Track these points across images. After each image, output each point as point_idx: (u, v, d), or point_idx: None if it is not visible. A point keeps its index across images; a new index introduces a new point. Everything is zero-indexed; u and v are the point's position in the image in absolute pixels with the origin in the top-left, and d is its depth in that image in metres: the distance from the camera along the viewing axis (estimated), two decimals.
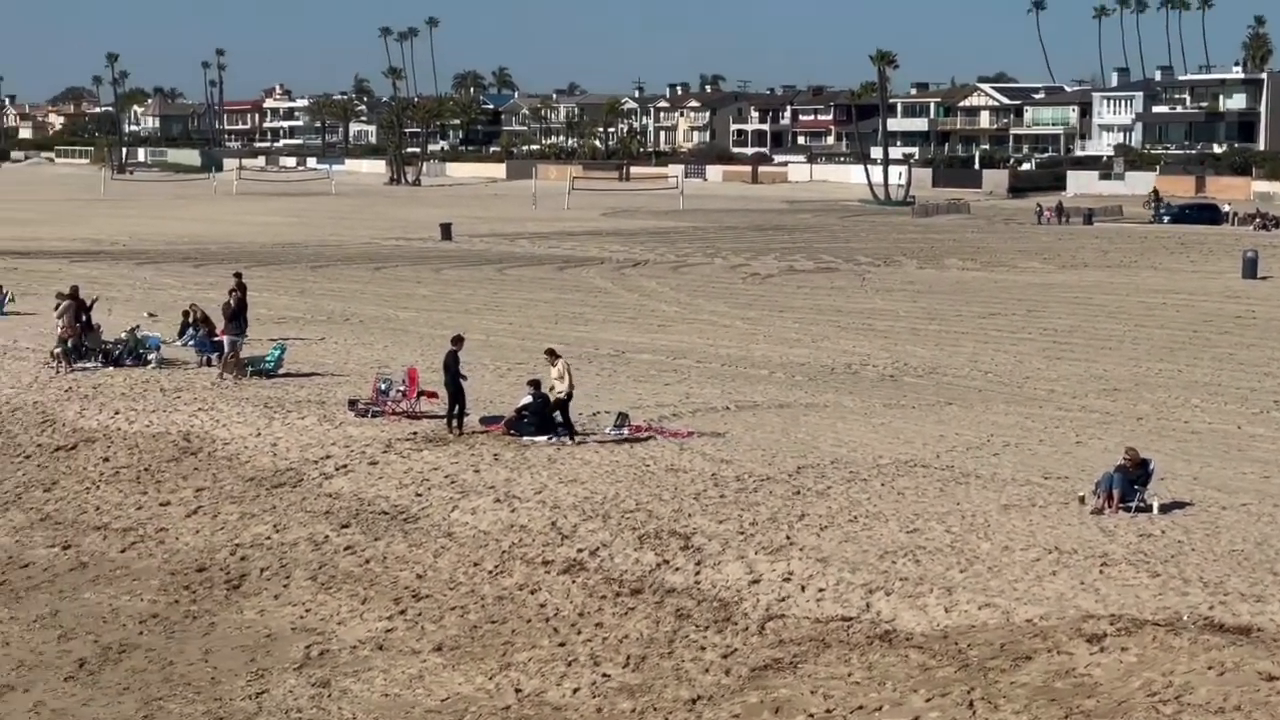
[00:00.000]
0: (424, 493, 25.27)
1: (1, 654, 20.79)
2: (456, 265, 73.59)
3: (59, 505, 26.75)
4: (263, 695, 18.99)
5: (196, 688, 19.33)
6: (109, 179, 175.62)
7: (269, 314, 48.18)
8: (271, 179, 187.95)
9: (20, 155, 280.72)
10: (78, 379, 35.38)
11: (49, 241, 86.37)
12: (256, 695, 19.00)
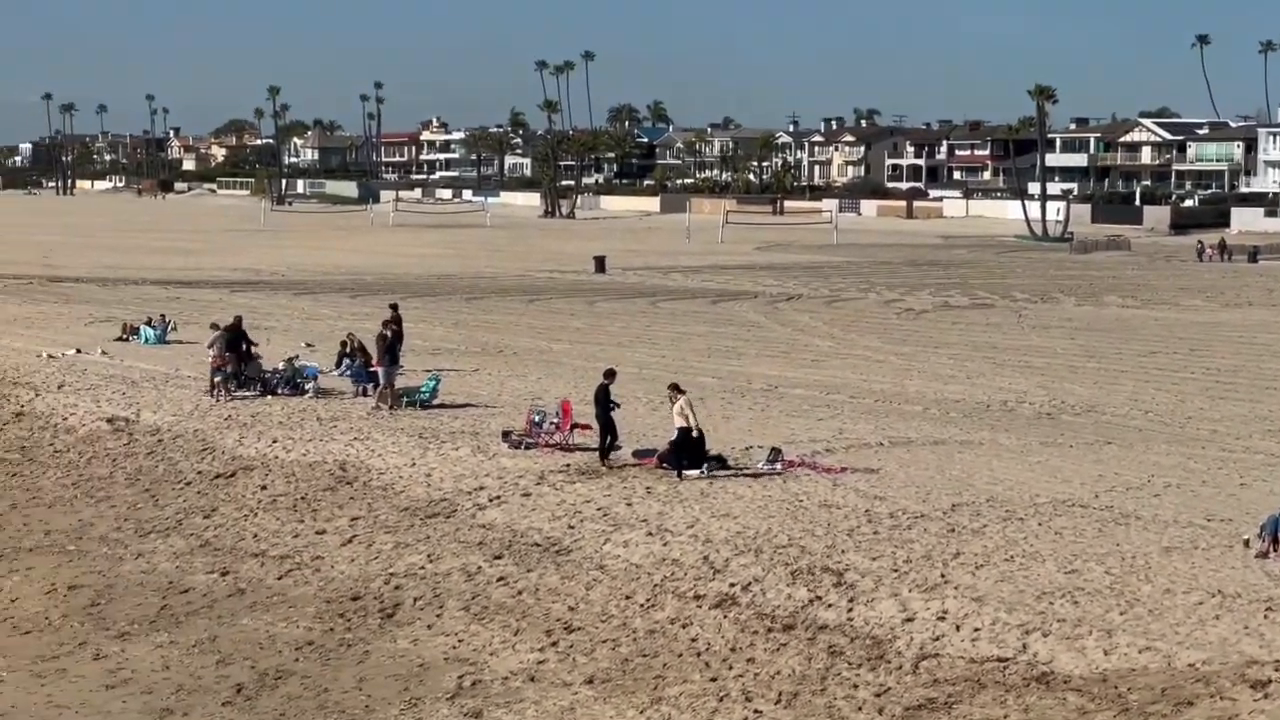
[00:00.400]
0: (576, 525, 25.29)
1: (161, 678, 21.08)
2: (610, 298, 73.83)
3: (218, 532, 27.10)
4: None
5: (351, 715, 19.46)
6: (269, 210, 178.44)
7: (424, 345, 48.63)
8: (427, 211, 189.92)
9: (184, 186, 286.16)
10: (237, 408, 35.88)
11: (210, 271, 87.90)
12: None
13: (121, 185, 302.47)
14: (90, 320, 55.45)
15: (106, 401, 36.96)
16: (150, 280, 78.98)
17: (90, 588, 24.84)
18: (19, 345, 47.01)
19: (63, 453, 33.01)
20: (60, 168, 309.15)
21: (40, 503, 29.79)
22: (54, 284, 74.99)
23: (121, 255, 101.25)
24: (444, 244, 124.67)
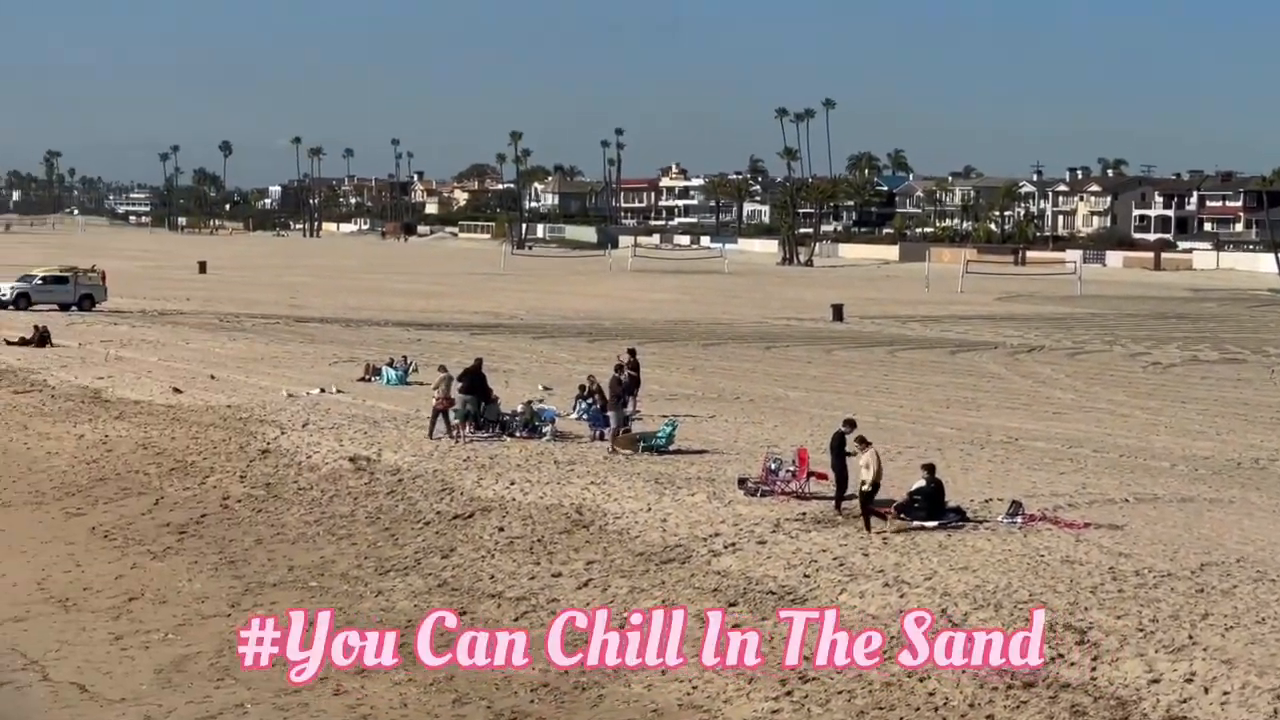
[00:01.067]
0: (812, 574, 25.08)
1: (399, 714, 21.30)
2: (847, 346, 73.48)
3: (455, 572, 27.35)
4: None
5: None
6: (509, 254, 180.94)
7: (661, 390, 48.79)
8: (665, 256, 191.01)
9: (426, 229, 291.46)
10: (475, 449, 36.27)
11: (451, 314, 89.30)
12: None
13: (366, 228, 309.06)
14: (334, 360, 56.59)
15: (349, 441, 37.63)
16: (393, 322, 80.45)
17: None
18: (266, 384, 48.13)
19: (306, 490, 33.63)
20: (308, 210, 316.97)
21: (284, 539, 30.35)
22: (300, 324, 76.76)
23: (365, 296, 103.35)
24: (681, 290, 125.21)
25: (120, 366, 52.33)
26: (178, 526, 31.62)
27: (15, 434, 41.12)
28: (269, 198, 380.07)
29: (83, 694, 23.00)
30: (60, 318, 68.80)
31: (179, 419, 41.32)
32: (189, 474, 35.60)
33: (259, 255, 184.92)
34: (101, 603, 27.33)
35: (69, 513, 33.45)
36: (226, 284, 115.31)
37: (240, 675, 23.33)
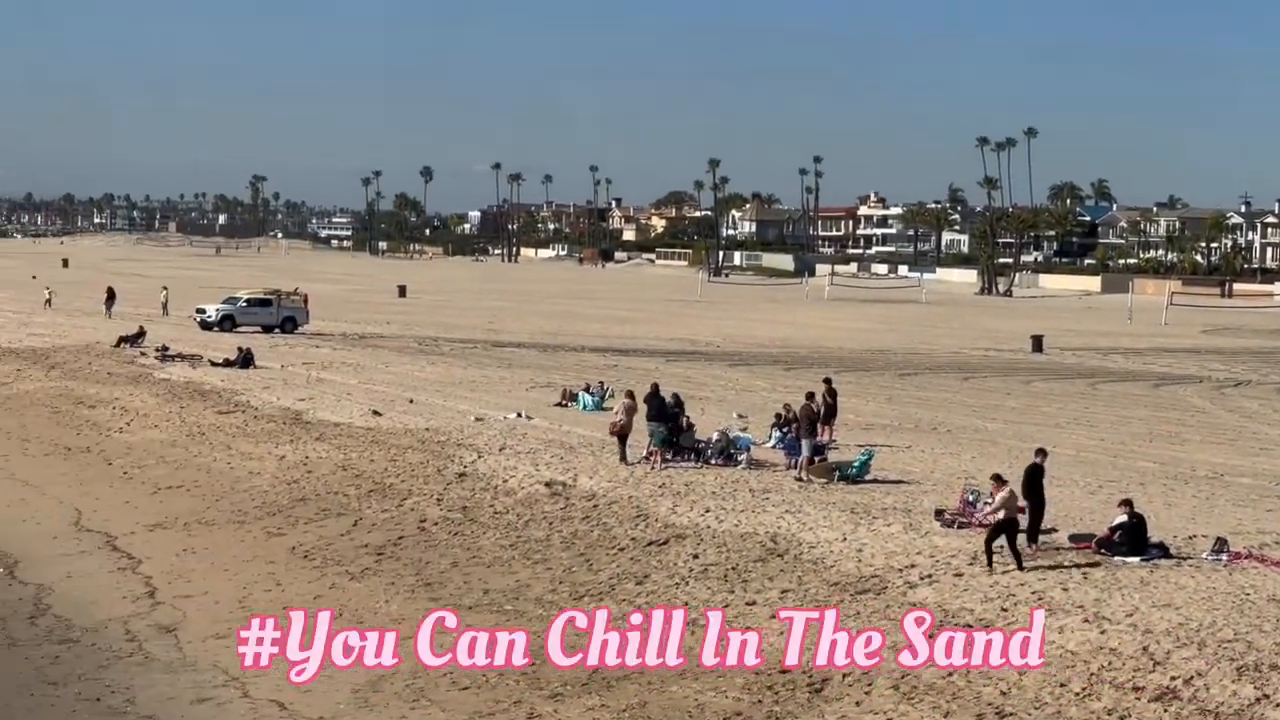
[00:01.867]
0: (1010, 608, 24.69)
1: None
2: (1047, 378, 72.48)
3: (650, 599, 27.34)
4: None
5: None
6: (705, 281, 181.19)
7: (857, 420, 48.48)
8: (862, 285, 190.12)
9: (623, 256, 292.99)
10: (670, 476, 36.28)
11: (647, 340, 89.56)
12: None
13: (564, 253, 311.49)
14: (531, 385, 57.00)
15: (545, 465, 37.85)
16: (589, 347, 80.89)
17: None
18: (464, 408, 48.61)
19: (502, 514, 33.86)
20: (506, 235, 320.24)
21: (480, 562, 30.58)
22: (497, 348, 77.47)
23: (562, 322, 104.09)
24: (878, 319, 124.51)
25: (321, 388, 53.18)
26: (375, 548, 32.01)
27: (219, 454, 41.95)
28: (468, 223, 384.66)
29: (282, 711, 23.35)
30: (263, 340, 70.12)
31: (378, 441, 41.87)
32: (387, 496, 36.04)
33: (458, 280, 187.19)
34: None
35: (270, 532, 34.02)
36: (425, 308, 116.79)
37: (435, 696, 23.55)
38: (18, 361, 60.45)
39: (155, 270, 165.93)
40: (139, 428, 46.39)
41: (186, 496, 37.84)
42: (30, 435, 46.73)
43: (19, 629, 28.32)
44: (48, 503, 38.32)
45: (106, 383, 54.48)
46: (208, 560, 32.28)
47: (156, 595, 30.01)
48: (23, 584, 31.47)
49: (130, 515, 36.46)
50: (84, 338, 68.55)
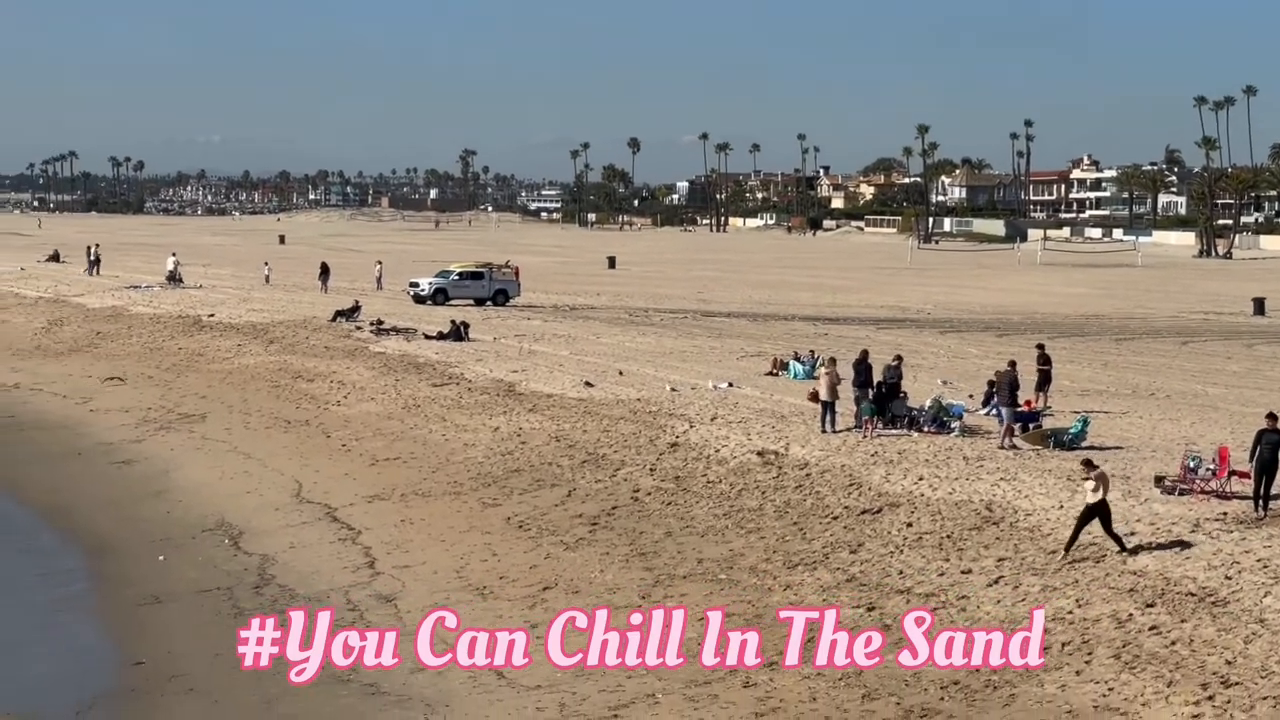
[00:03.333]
0: (1234, 576, 24.18)
1: (809, 709, 21.32)
2: (1270, 341, 70.80)
3: (864, 567, 27.20)
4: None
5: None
6: (915, 248, 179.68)
7: (1072, 386, 47.78)
8: (1076, 250, 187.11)
9: (831, 224, 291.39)
10: (883, 444, 36.05)
11: (857, 308, 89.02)
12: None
13: (771, 222, 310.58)
14: (742, 355, 56.95)
15: (757, 435, 37.81)
16: (799, 316, 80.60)
17: (740, 616, 25.36)
18: (675, 378, 48.70)
19: (715, 483, 33.90)
20: (714, 205, 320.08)
21: (693, 531, 30.65)
22: (707, 318, 77.50)
23: (771, 291, 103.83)
24: (1092, 283, 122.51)
25: (533, 360, 53.64)
26: (589, 518, 32.24)
27: (434, 426, 42.51)
28: (676, 193, 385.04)
29: (500, 679, 23.64)
30: (476, 312, 70.87)
31: (590, 412, 42.14)
32: (600, 466, 36.27)
33: (666, 250, 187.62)
34: (517, 591, 28.05)
35: (485, 503, 34.42)
36: (635, 279, 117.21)
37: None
38: (239, 337, 61.79)
39: (368, 245, 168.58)
40: (356, 401, 47.18)
41: (403, 468, 38.42)
42: (251, 409, 47.76)
43: (245, 599, 29.00)
44: (270, 475, 39.15)
45: (324, 357, 55.48)
46: (425, 531, 32.76)
47: (376, 565, 30.54)
48: (248, 555, 32.22)
49: (349, 487, 37.12)
50: (301, 313, 69.84)
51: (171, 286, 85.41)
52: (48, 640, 27.63)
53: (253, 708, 23.26)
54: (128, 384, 54.68)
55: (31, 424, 49.01)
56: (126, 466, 41.87)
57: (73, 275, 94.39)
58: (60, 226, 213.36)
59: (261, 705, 23.32)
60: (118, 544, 34.09)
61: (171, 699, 23.96)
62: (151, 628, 27.84)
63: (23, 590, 30.79)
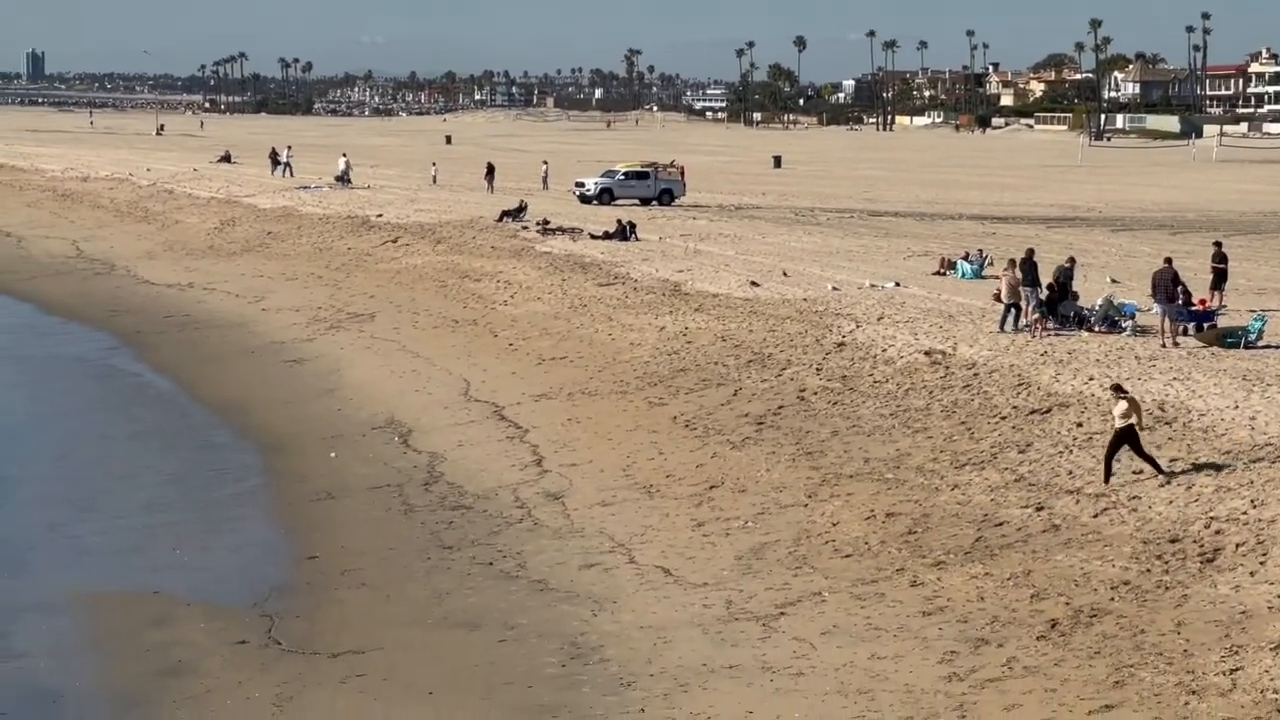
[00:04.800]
0: None
1: (976, 608, 21.22)
2: None
3: (1032, 467, 26.94)
4: (1237, 673, 18.28)
5: (1168, 658, 18.91)
6: (1085, 146, 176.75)
7: (1248, 284, 46.86)
8: (1254, 145, 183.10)
9: (1000, 122, 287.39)
10: (1053, 343, 35.62)
11: (1026, 207, 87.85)
12: (1230, 672, 18.31)
13: (939, 121, 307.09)
14: (909, 254, 56.47)
15: (924, 334, 37.52)
16: (966, 215, 79.70)
17: (907, 516, 25.28)
18: (841, 277, 48.42)
19: (881, 383, 33.70)
20: (881, 104, 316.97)
21: (860, 431, 30.52)
22: (874, 218, 76.89)
23: (938, 190, 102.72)
24: (1271, 180, 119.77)
25: (699, 260, 53.57)
26: (755, 417, 32.21)
27: (600, 325, 42.65)
28: (842, 92, 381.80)
29: (667, 577, 23.78)
30: (641, 212, 70.84)
31: (756, 312, 42.04)
32: (766, 366, 36.19)
33: (832, 149, 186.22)
34: (683, 490, 28.15)
35: (651, 402, 34.51)
36: (800, 178, 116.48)
37: (818, 564, 23.68)
38: (407, 237, 62.34)
39: (534, 145, 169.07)
40: (522, 300, 47.45)
41: (570, 367, 38.62)
42: (420, 308, 48.23)
43: (415, 495, 29.40)
44: (438, 374, 39.55)
45: (490, 257, 55.81)
46: (591, 430, 32.95)
47: (543, 464, 30.79)
48: (417, 452, 32.63)
49: (516, 386, 37.40)
50: (467, 213, 70.26)
51: (340, 187, 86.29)
52: (226, 534, 28.24)
53: (422, 602, 23.60)
54: (298, 282, 55.46)
55: (205, 323, 49.93)
56: (297, 365, 42.52)
57: (245, 175, 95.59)
58: (230, 128, 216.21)
59: (432, 600, 23.67)
60: (290, 441, 34.70)
61: (344, 593, 24.40)
62: (324, 523, 28.34)
63: (200, 486, 31.45)
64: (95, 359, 45.73)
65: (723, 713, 18.79)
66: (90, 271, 63.02)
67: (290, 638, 22.27)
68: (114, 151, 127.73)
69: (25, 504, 30.58)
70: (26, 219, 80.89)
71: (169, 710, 19.94)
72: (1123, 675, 18.60)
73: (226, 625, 22.93)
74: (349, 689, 20.29)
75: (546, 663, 20.84)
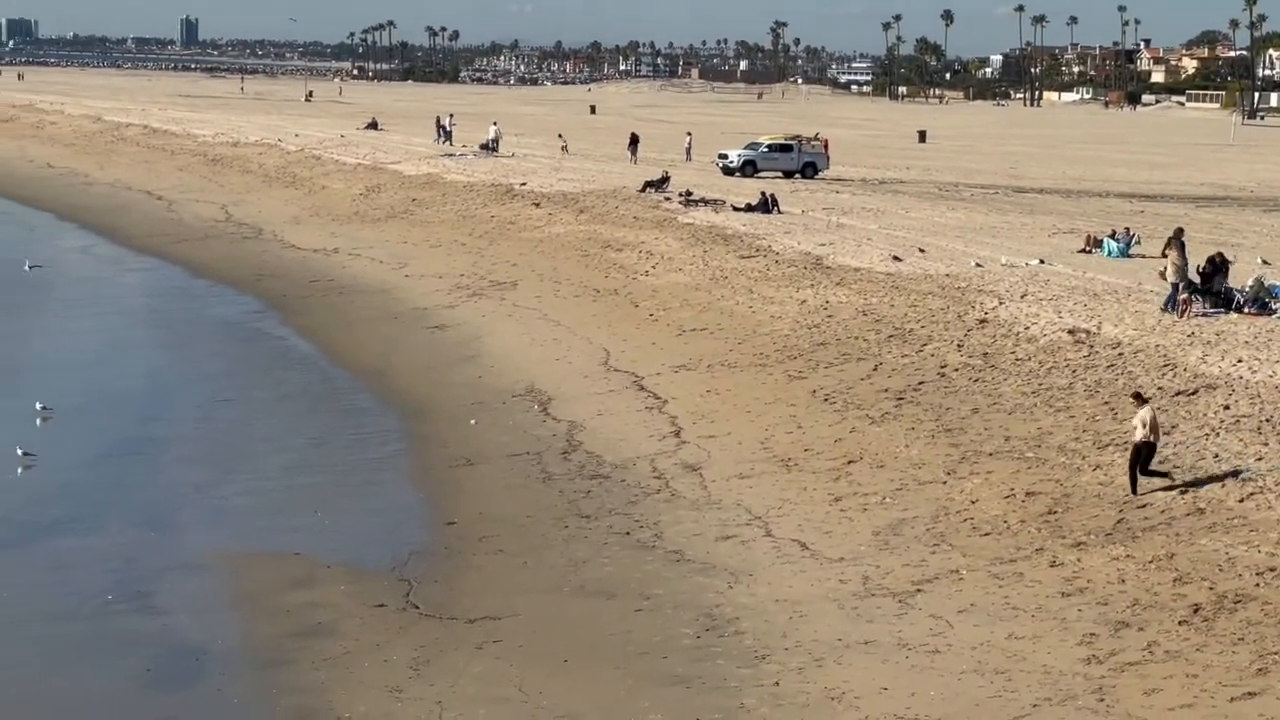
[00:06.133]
0: None
1: (1117, 590, 20.98)
2: None
3: (1177, 449, 26.53)
4: None
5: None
6: (1238, 124, 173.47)
7: None
8: None
9: (1150, 99, 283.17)
10: (1200, 325, 35.09)
11: (1175, 186, 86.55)
12: None
13: (1088, 97, 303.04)
14: (1054, 231, 55.82)
15: (1068, 313, 37.10)
16: (1113, 193, 78.65)
17: (1047, 495, 25.03)
18: (984, 253, 47.98)
19: (1023, 361, 33.38)
20: (1028, 79, 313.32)
21: (1001, 409, 30.25)
22: (1018, 194, 76.08)
23: (1085, 167, 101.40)
24: None
25: (841, 234, 53.29)
26: (895, 393, 32.03)
27: (741, 298, 42.58)
28: (989, 67, 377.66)
29: (803, 551, 23.75)
30: (784, 185, 70.57)
31: (898, 287, 41.77)
32: (907, 341, 35.96)
33: (978, 125, 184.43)
34: (821, 464, 28.07)
35: (791, 375, 34.42)
36: (945, 153, 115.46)
37: (956, 541, 23.53)
38: (549, 205, 62.53)
39: (677, 116, 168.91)
40: (663, 271, 47.47)
41: (709, 339, 38.60)
42: (561, 277, 48.40)
43: (554, 464, 29.55)
44: (578, 342, 39.68)
45: (632, 227, 55.87)
46: (730, 402, 32.92)
47: (682, 435, 30.82)
48: (556, 420, 32.78)
49: (656, 356, 37.44)
50: (610, 183, 70.35)
51: (485, 155, 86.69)
52: (366, 498, 28.54)
53: (559, 570, 23.73)
54: (442, 249, 55.85)
55: (349, 288, 50.44)
56: (439, 331, 42.85)
57: (391, 142, 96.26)
58: (376, 95, 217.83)
59: (568, 568, 23.79)
60: (431, 407, 34.99)
61: (482, 559, 24.59)
62: (463, 489, 28.57)
63: (342, 449, 31.82)
64: (242, 322, 46.39)
65: (857, 688, 18.75)
66: (238, 236, 63.86)
67: (428, 602, 22.49)
68: (263, 117, 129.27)
69: (172, 464, 31.12)
70: (177, 183, 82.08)
71: (308, 670, 20.22)
72: (1266, 662, 18.34)
73: (365, 588, 23.20)
74: (485, 654, 20.46)
75: (682, 634, 20.89)
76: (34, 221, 72.10)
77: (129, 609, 22.74)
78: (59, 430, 33.04)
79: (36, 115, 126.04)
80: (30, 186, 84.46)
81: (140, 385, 39.13)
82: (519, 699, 19.08)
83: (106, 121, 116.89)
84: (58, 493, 28.73)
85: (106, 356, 42.40)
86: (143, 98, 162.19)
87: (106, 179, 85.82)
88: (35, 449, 30.57)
